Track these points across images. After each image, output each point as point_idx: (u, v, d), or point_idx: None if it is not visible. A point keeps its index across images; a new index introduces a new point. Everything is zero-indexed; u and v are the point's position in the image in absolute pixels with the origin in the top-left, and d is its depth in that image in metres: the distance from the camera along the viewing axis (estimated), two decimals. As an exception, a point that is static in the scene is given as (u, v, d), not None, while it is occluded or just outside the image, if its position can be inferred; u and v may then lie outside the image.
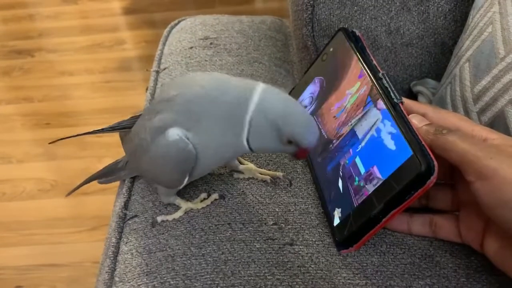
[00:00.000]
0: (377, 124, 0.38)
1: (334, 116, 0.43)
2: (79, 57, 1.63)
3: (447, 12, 0.54)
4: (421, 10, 0.54)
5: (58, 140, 0.46)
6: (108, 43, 1.68)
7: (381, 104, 0.38)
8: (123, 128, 0.44)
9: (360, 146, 0.39)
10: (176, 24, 0.71)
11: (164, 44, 0.67)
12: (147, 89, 0.61)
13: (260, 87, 0.35)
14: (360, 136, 0.39)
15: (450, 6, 0.54)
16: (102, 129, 0.44)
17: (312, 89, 0.47)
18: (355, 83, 0.41)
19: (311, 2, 0.54)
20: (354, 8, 0.54)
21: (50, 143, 0.49)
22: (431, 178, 0.33)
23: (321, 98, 0.45)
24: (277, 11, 1.69)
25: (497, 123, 0.43)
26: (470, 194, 0.33)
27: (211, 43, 0.63)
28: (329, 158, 0.42)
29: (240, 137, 0.35)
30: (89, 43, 1.68)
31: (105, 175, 0.49)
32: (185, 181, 0.38)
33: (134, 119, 0.43)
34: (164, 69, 0.61)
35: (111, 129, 0.44)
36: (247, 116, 0.34)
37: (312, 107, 0.46)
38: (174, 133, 0.34)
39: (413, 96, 0.58)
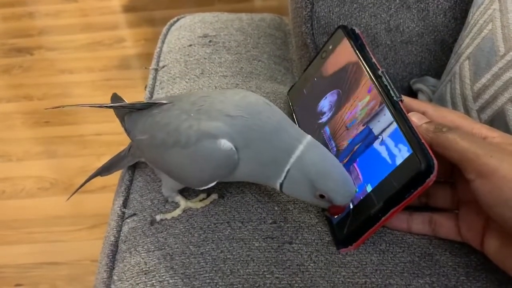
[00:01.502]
0: (384, 137, 0.37)
1: (346, 126, 0.41)
2: (79, 55, 1.62)
3: (447, 10, 0.54)
4: (421, 8, 0.54)
5: (56, 107, 0.46)
6: (108, 41, 1.67)
7: (386, 111, 0.37)
8: (133, 108, 0.43)
9: (369, 171, 0.38)
10: (175, 22, 0.71)
11: (163, 42, 0.67)
12: (146, 87, 0.61)
13: (305, 141, 0.36)
14: (368, 153, 0.38)
15: (450, 3, 0.54)
16: (111, 105, 0.43)
17: (331, 98, 0.45)
18: (365, 97, 0.40)
19: (311, 0, 0.54)
20: (354, 5, 0.53)
21: (46, 108, 0.50)
22: (430, 177, 0.33)
23: (336, 105, 0.44)
24: (277, 9, 1.69)
25: (497, 121, 0.43)
26: (470, 192, 0.33)
27: (210, 41, 0.63)
28: None
29: (275, 180, 0.37)
30: (89, 41, 1.68)
31: (107, 169, 0.49)
32: (210, 185, 0.39)
33: (147, 104, 0.42)
34: (163, 67, 0.61)
35: (121, 106, 0.44)
36: (286, 166, 0.36)
37: (330, 114, 0.44)
38: (228, 144, 0.36)
39: (413, 94, 0.58)
